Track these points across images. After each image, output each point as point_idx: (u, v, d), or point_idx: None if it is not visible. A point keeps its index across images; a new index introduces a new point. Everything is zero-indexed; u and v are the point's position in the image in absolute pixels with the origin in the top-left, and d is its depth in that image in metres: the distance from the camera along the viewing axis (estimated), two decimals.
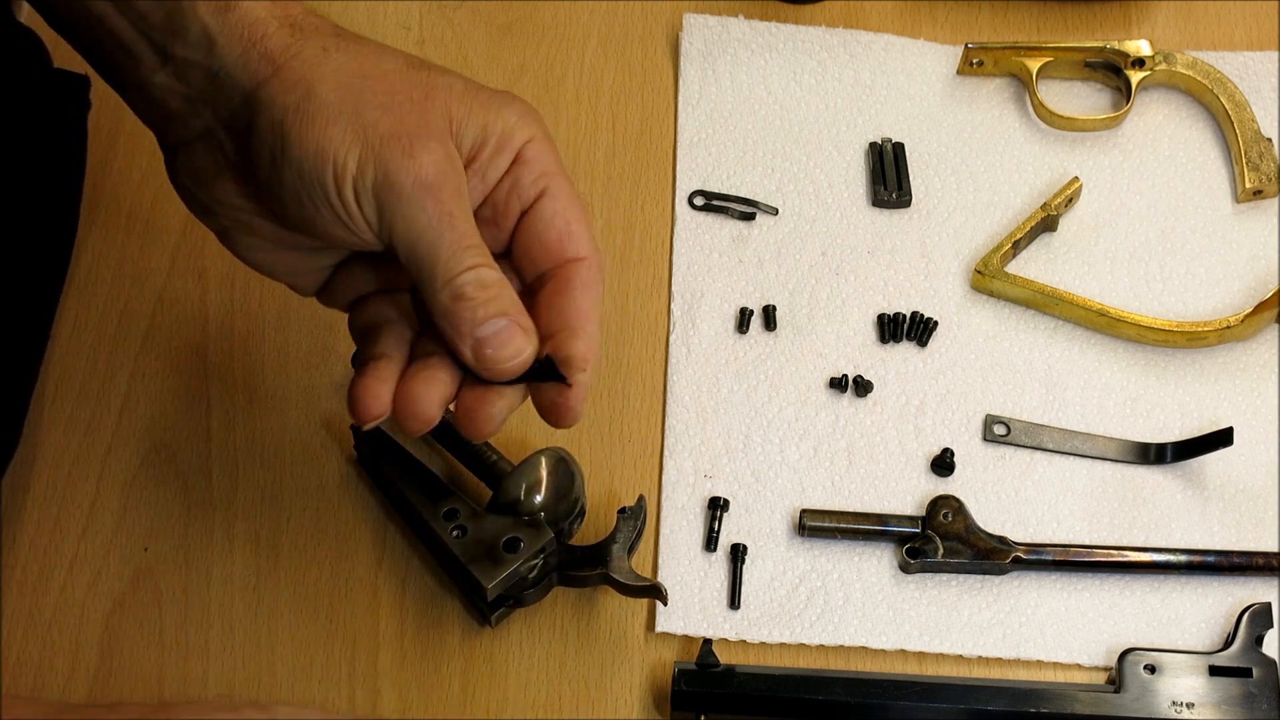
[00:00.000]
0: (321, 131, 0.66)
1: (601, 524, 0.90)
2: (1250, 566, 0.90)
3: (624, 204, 1.03)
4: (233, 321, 0.97)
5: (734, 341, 0.98)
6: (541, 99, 1.06)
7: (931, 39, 1.09)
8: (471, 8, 1.10)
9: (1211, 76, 1.05)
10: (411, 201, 0.66)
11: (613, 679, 0.87)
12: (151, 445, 0.93)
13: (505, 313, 0.68)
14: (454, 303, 0.67)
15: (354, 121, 0.66)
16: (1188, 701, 0.84)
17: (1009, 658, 0.89)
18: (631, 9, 1.10)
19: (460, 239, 0.67)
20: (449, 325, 0.68)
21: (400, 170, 0.66)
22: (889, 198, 1.02)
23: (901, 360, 0.97)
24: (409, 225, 0.66)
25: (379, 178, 0.66)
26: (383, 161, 0.66)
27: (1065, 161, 1.04)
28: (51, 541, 0.89)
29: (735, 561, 0.90)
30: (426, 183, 0.66)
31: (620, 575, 0.85)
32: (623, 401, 0.96)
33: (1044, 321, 0.99)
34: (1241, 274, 1.00)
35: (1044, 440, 0.95)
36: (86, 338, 0.96)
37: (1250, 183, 1.02)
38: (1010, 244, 0.99)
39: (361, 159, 0.66)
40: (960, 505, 0.91)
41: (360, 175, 0.66)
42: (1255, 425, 0.95)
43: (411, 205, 0.66)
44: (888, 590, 0.90)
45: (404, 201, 0.66)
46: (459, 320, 0.68)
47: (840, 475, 0.93)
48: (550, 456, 0.87)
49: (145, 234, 0.99)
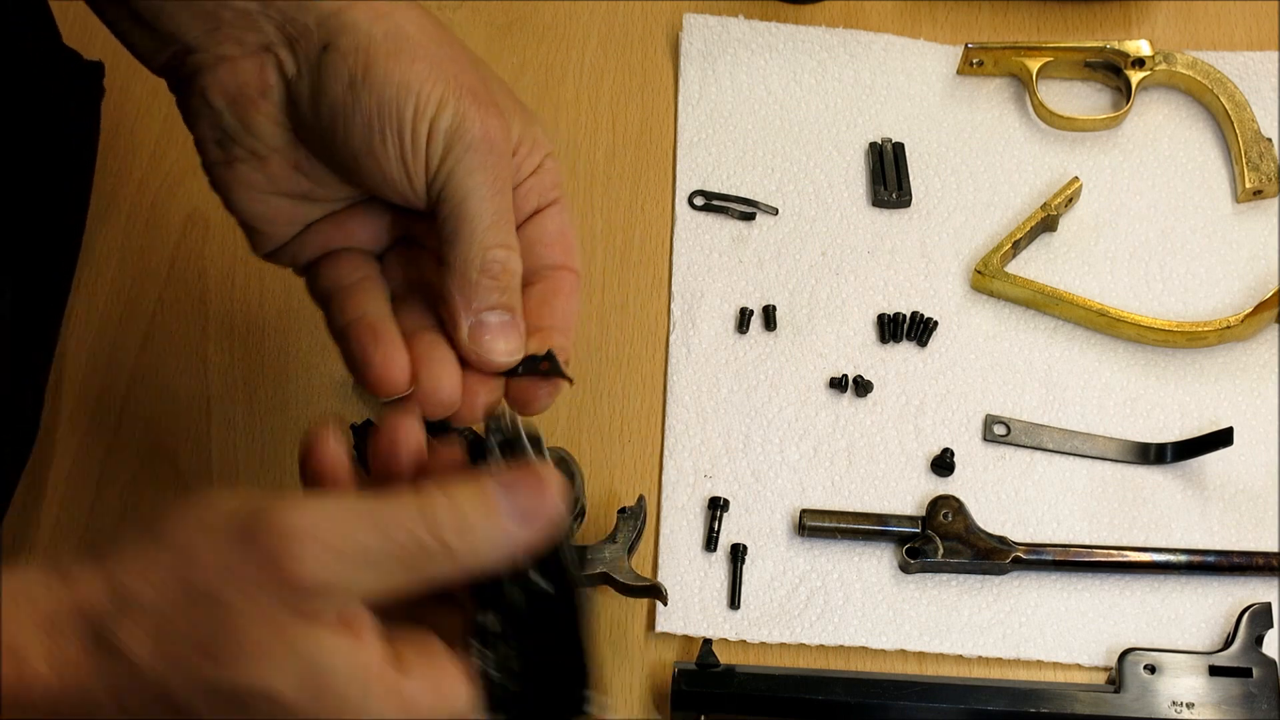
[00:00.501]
0: (409, 65, 0.66)
1: (601, 524, 0.90)
2: (1250, 566, 0.90)
3: (624, 204, 1.03)
4: (233, 321, 0.97)
5: (734, 341, 0.98)
6: (541, 99, 1.06)
7: (931, 39, 1.09)
8: (471, 7, 1.10)
9: (1211, 76, 1.05)
10: (477, 154, 0.66)
11: (613, 679, 0.87)
12: (151, 445, 0.93)
13: (513, 309, 0.68)
14: (479, 275, 0.67)
15: (438, 65, 0.66)
16: (1188, 701, 0.84)
17: (1009, 658, 0.89)
18: (631, 9, 1.10)
19: (505, 209, 0.68)
20: (460, 294, 0.67)
21: (475, 122, 0.66)
22: (889, 198, 1.02)
23: (901, 360, 0.97)
24: (467, 177, 0.66)
25: (454, 123, 0.66)
26: (461, 109, 0.66)
27: (1065, 161, 1.04)
28: (51, 541, 0.89)
29: (735, 561, 0.90)
30: (493, 142, 0.67)
31: (620, 575, 0.85)
32: (623, 401, 0.96)
33: (1044, 321, 0.99)
34: (1241, 274, 1.00)
35: (1044, 440, 0.95)
36: (87, 338, 0.96)
37: (1250, 183, 1.02)
38: (1010, 244, 0.99)
39: (443, 100, 0.66)
40: (960, 505, 0.91)
41: (439, 115, 0.66)
42: (1255, 425, 0.95)
43: (475, 158, 0.66)
44: (888, 590, 0.90)
45: (470, 152, 0.66)
46: (474, 294, 0.67)
47: (840, 475, 0.93)
48: (550, 456, 0.86)
49: (145, 234, 0.99)
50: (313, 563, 0.56)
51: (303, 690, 0.56)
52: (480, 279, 0.67)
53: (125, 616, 0.56)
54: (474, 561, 0.59)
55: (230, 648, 0.55)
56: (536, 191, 0.71)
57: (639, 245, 1.01)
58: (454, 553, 0.58)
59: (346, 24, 0.67)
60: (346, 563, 0.56)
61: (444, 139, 0.66)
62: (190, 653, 0.56)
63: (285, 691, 0.56)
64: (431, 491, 0.59)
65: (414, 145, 0.66)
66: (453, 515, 0.58)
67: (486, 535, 0.59)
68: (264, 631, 0.56)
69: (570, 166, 1.04)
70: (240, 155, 0.70)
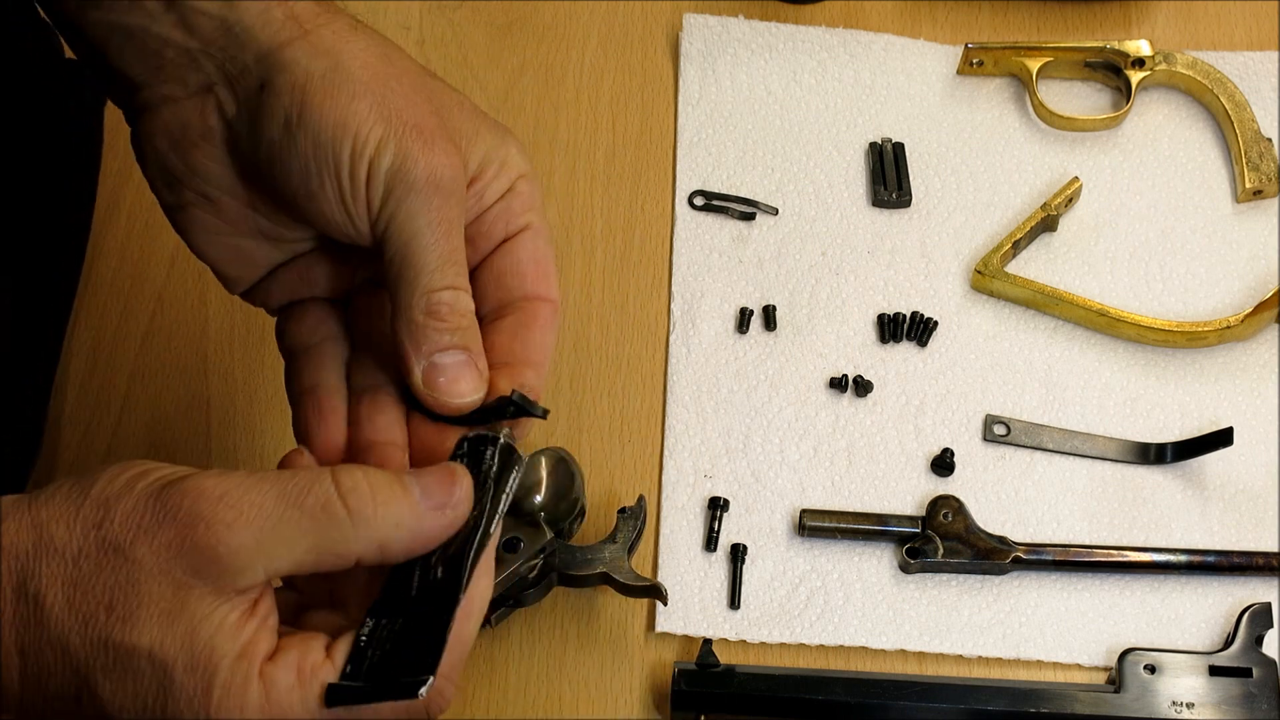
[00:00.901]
0: (347, 104, 0.64)
1: (601, 524, 0.90)
2: (1250, 566, 0.90)
3: (624, 204, 1.03)
4: (233, 321, 0.97)
5: (734, 341, 0.98)
6: (541, 99, 1.06)
7: (931, 39, 1.09)
8: (471, 8, 1.10)
9: (1211, 76, 1.05)
10: (420, 196, 0.65)
11: (613, 679, 0.87)
12: (151, 445, 0.93)
13: (467, 348, 0.66)
14: (425, 318, 0.65)
15: (380, 103, 0.65)
16: (1188, 701, 0.84)
17: (1009, 658, 0.89)
18: (631, 9, 1.10)
19: (452, 252, 0.66)
20: (409, 340, 0.65)
21: (418, 162, 0.65)
22: (889, 198, 1.02)
23: (901, 360, 0.97)
24: (410, 220, 0.65)
25: (395, 163, 0.64)
26: (403, 148, 0.64)
27: (1065, 161, 1.04)
28: None
29: (735, 561, 0.90)
30: (438, 181, 0.65)
31: (620, 575, 0.85)
32: (623, 401, 0.96)
33: (1044, 321, 0.99)
34: (1241, 274, 1.00)
35: (1044, 440, 0.95)
36: (86, 338, 0.96)
37: (1250, 183, 1.02)
38: (1010, 244, 0.99)
39: (382, 140, 0.64)
40: (960, 505, 0.91)
41: (378, 155, 0.64)
42: (1255, 425, 0.95)
43: (419, 200, 0.65)
44: (888, 590, 0.90)
45: (413, 194, 0.65)
46: (421, 338, 0.65)
47: (840, 475, 0.93)
48: (550, 457, 0.87)
49: (145, 234, 0.99)
50: (224, 530, 0.56)
51: (186, 658, 0.56)
52: (427, 321, 0.65)
53: (43, 562, 0.57)
54: (379, 533, 0.59)
55: (129, 602, 0.56)
56: (504, 218, 0.69)
57: (639, 245, 1.01)
58: (362, 520, 0.58)
59: (285, 61, 0.65)
60: (257, 531, 0.57)
61: (384, 180, 0.64)
62: (94, 606, 0.56)
63: (170, 656, 0.56)
64: (349, 467, 0.60)
65: (353, 187, 0.65)
66: (365, 484, 0.59)
67: (395, 510, 0.59)
68: (165, 590, 0.56)
69: (570, 166, 1.04)
70: (190, 199, 0.69)
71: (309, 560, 0.58)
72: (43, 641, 0.57)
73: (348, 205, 0.65)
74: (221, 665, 0.56)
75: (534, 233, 0.70)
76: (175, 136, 0.68)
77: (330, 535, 0.58)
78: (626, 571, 0.86)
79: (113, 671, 0.57)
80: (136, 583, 0.56)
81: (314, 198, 0.66)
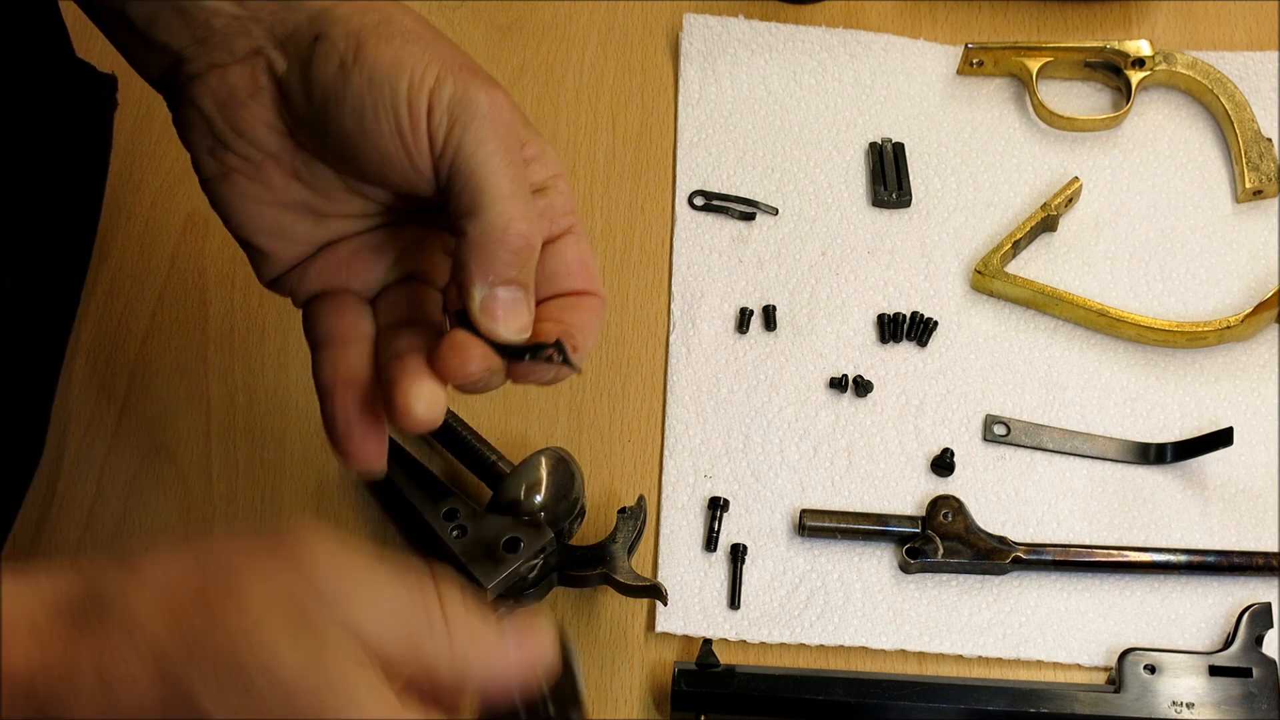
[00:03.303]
0: (401, 46, 0.65)
1: (601, 524, 0.90)
2: (1250, 566, 0.90)
3: (624, 204, 1.03)
4: (233, 321, 0.97)
5: (734, 341, 0.98)
6: (541, 99, 1.06)
7: (931, 39, 1.09)
8: (471, 8, 1.10)
9: (1211, 76, 1.06)
10: (487, 123, 0.64)
11: (613, 679, 0.87)
12: (151, 445, 0.93)
13: (527, 286, 0.66)
14: (499, 247, 0.65)
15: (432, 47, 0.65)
16: (1188, 701, 0.84)
17: (1009, 658, 0.89)
18: (631, 9, 1.10)
19: (521, 184, 0.66)
20: (478, 265, 0.65)
21: (480, 91, 0.65)
22: (889, 198, 1.02)
23: (901, 360, 0.97)
24: (479, 146, 0.64)
25: (458, 92, 0.64)
26: (462, 81, 0.65)
27: (1065, 161, 1.04)
28: (51, 542, 0.89)
29: (735, 561, 0.90)
30: (500, 112, 0.65)
31: (620, 575, 0.85)
32: (623, 401, 0.96)
33: (1044, 321, 0.99)
34: (1241, 274, 1.00)
35: (1044, 440, 0.95)
36: (86, 337, 0.96)
37: (1250, 183, 1.02)
38: (1010, 244, 0.99)
39: (440, 75, 0.65)
40: (960, 505, 0.91)
41: (439, 87, 0.64)
42: (1255, 425, 0.95)
43: (486, 127, 0.64)
44: (888, 590, 0.90)
45: (478, 121, 0.64)
46: (492, 265, 0.65)
47: (840, 475, 0.93)
48: (550, 456, 0.87)
49: (145, 234, 0.99)
50: (332, 575, 0.54)
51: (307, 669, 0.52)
52: (499, 251, 0.65)
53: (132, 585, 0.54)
54: (464, 657, 0.57)
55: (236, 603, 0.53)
56: (548, 217, 0.69)
57: (639, 245, 1.01)
58: (451, 636, 0.56)
59: (337, 15, 0.66)
60: (358, 587, 0.55)
61: (448, 109, 0.64)
62: (194, 614, 0.53)
63: (286, 665, 0.52)
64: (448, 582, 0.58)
65: (412, 120, 0.65)
66: (459, 604, 0.57)
67: (485, 638, 0.57)
68: (273, 593, 0.54)
69: (570, 166, 1.04)
70: (234, 164, 0.69)
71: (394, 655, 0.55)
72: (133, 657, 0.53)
73: (406, 140, 0.65)
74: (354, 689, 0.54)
75: (577, 236, 0.70)
76: (222, 98, 0.68)
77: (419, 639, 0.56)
78: (626, 571, 0.86)
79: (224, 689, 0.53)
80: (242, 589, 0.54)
81: (369, 134, 0.65)
